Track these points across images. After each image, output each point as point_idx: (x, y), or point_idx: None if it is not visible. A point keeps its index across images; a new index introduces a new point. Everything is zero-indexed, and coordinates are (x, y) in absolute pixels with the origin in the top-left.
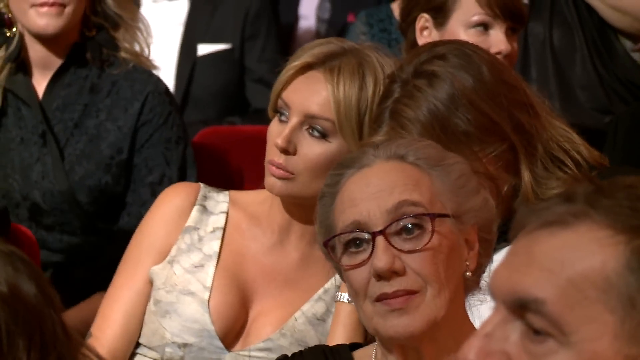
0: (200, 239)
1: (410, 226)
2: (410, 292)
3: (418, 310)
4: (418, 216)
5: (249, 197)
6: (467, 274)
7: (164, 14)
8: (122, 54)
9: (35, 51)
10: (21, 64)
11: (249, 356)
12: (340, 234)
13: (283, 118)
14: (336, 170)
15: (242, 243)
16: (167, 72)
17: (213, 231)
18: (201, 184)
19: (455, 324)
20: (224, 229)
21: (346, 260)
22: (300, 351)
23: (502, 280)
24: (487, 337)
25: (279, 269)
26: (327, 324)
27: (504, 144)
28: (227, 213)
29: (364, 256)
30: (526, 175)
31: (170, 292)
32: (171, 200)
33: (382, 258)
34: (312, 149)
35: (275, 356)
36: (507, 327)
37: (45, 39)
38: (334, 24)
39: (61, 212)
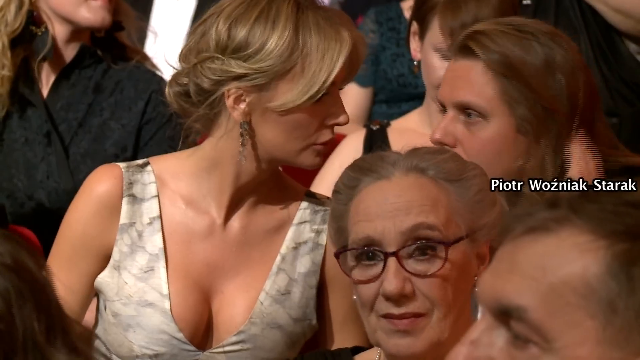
0: (140, 235)
1: (423, 249)
2: (417, 315)
3: (422, 333)
4: (433, 241)
5: (175, 166)
6: (477, 289)
7: (172, 11)
8: (129, 54)
9: (58, 48)
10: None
11: (224, 352)
12: (353, 248)
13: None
14: (354, 172)
15: (184, 229)
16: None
17: (150, 222)
18: (121, 166)
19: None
20: (161, 217)
21: (357, 274)
22: (302, 355)
23: (487, 287)
24: (473, 343)
25: (229, 247)
26: (293, 294)
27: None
28: (159, 197)
29: (374, 272)
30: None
31: (127, 305)
32: (97, 192)
33: (392, 282)
34: None
35: (250, 346)
36: (492, 333)
37: (76, 36)
38: None
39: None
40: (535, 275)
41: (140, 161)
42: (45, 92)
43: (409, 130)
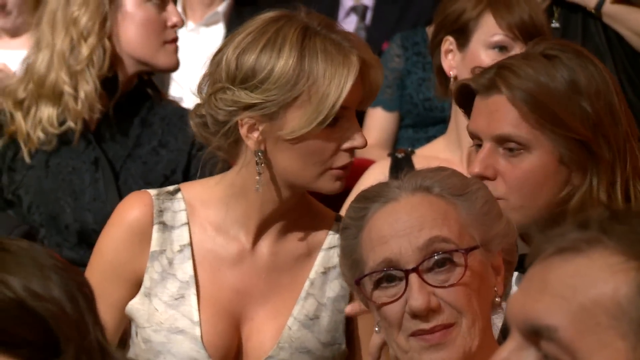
0: (171, 263)
1: (442, 261)
2: (447, 326)
3: (455, 343)
4: (450, 252)
5: (204, 193)
6: (497, 299)
7: (201, 41)
8: (163, 96)
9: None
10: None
11: None
12: (372, 272)
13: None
14: (360, 203)
15: (213, 256)
16: None
17: (180, 250)
18: (151, 193)
19: (487, 352)
20: (191, 244)
21: (378, 296)
22: None
23: (517, 307)
24: None
25: (258, 273)
26: (322, 319)
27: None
28: (189, 224)
29: (396, 291)
30: (595, 181)
31: (157, 332)
32: (128, 220)
33: (417, 298)
34: None
35: None
36: (522, 353)
37: (129, 80)
38: None
39: None
40: (566, 295)
41: (170, 188)
42: (92, 125)
43: (434, 157)
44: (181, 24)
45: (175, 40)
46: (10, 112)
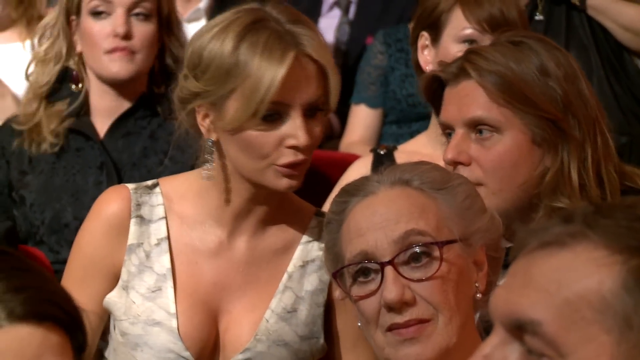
0: (148, 256)
1: (418, 255)
2: (422, 321)
3: (430, 339)
4: (426, 245)
5: (182, 186)
6: (478, 295)
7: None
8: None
9: (103, 100)
10: (86, 111)
11: None
12: (349, 265)
13: None
14: (341, 197)
15: (190, 250)
16: None
17: (158, 244)
18: (130, 187)
19: (467, 348)
20: (168, 237)
21: (355, 291)
22: None
23: (501, 302)
24: (486, 358)
25: (235, 266)
26: (300, 312)
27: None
28: (166, 218)
29: (372, 286)
30: (566, 160)
31: (134, 324)
32: (106, 213)
33: (392, 290)
34: None
35: None
36: (505, 348)
37: (115, 88)
38: (352, 46)
39: None
40: (550, 289)
41: (149, 182)
42: (102, 134)
43: (416, 153)
44: (122, 33)
45: (114, 50)
46: (22, 119)
